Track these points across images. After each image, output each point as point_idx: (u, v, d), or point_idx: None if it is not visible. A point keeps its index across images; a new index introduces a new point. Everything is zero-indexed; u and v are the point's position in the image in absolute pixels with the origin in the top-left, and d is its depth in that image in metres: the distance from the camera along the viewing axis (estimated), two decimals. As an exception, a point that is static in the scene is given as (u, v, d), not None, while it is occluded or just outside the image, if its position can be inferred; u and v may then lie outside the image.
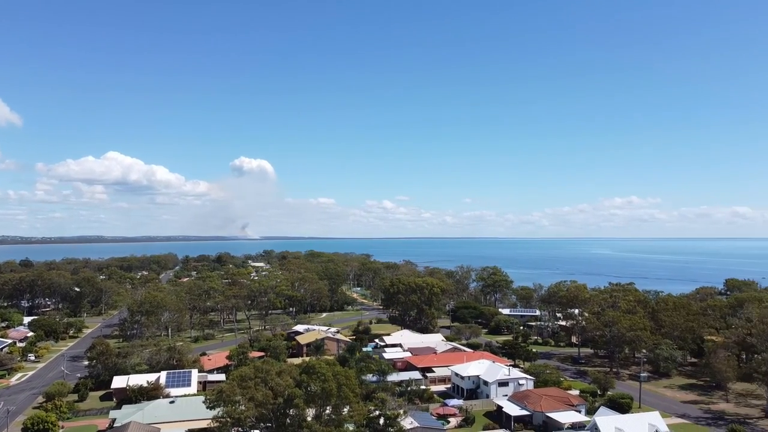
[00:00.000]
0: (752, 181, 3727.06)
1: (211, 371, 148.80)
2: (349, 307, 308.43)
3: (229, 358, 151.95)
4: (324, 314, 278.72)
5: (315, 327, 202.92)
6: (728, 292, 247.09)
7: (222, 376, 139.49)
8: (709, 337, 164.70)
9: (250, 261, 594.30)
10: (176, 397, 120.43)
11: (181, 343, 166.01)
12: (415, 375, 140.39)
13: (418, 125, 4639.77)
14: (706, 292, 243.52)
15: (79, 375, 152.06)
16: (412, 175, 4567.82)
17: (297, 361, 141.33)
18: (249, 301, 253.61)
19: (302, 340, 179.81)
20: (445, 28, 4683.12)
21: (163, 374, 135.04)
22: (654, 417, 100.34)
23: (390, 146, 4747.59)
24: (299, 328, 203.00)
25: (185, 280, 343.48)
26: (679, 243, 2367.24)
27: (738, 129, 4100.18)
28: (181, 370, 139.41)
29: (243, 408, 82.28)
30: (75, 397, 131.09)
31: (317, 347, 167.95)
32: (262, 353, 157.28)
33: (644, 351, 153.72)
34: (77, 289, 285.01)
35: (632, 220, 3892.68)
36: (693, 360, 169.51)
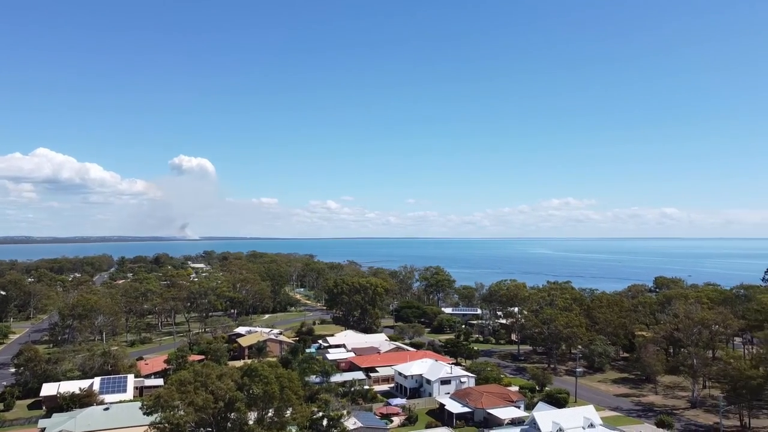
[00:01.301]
0: (679, 184, 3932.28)
1: (148, 376, 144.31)
2: (292, 308, 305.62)
3: (167, 362, 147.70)
4: (266, 316, 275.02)
5: (257, 329, 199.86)
6: (657, 290, 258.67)
7: (160, 381, 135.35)
8: (639, 333, 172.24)
9: (189, 262, 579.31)
10: (111, 403, 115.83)
11: (116, 348, 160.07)
12: (359, 375, 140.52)
13: (362, 125, 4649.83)
14: (637, 290, 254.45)
15: (4, 383, 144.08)
16: (356, 175, 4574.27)
17: (239, 363, 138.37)
18: (188, 303, 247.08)
19: (244, 342, 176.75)
20: (382, 25, 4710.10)
21: (96, 380, 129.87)
22: (589, 411, 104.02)
23: (334, 146, 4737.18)
24: (241, 330, 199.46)
25: (121, 282, 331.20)
26: (612, 243, 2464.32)
27: (665, 133, 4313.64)
28: (117, 376, 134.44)
29: (182, 413, 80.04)
30: (0, 406, 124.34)
31: (259, 349, 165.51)
32: (202, 356, 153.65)
33: (580, 347, 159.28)
34: (2, 293, 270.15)
35: (569, 221, 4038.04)
36: (625, 355, 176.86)
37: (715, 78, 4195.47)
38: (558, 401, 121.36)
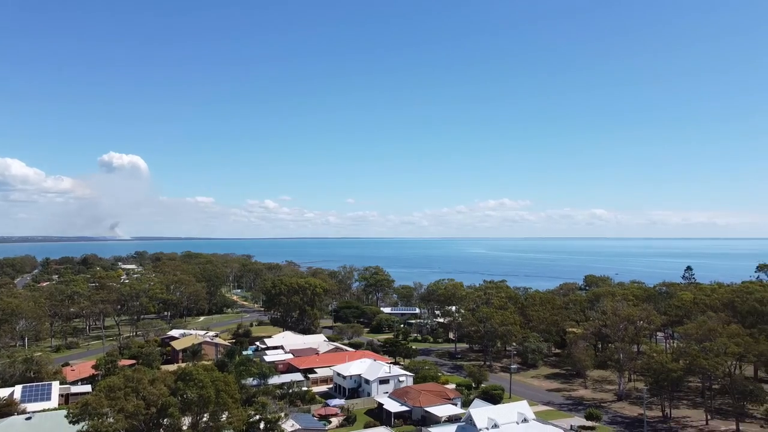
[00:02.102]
0: (607, 187, 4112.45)
1: (75, 382, 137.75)
2: (229, 309, 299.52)
3: (95, 367, 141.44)
4: (202, 318, 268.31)
5: (192, 331, 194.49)
6: (587, 287, 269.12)
7: (88, 388, 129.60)
8: (570, 330, 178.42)
9: (120, 263, 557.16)
10: (34, 412, 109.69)
11: (39, 354, 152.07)
12: (297, 377, 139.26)
13: (300, 125, 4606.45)
14: (568, 288, 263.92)
15: None
16: (295, 174, 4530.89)
17: (172, 367, 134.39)
18: (119, 306, 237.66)
19: (178, 345, 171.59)
20: (321, 35, 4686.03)
21: (17, 388, 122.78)
22: (522, 406, 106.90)
23: (272, 145, 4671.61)
24: (175, 333, 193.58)
25: (45, 284, 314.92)
26: (545, 242, 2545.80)
27: (594, 139, 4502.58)
28: (40, 383, 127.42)
29: (111, 420, 76.91)
30: None
31: (194, 352, 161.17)
32: (133, 361, 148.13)
33: (514, 344, 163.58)
34: None
35: (504, 221, 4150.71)
36: (557, 351, 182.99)
37: (641, 87, 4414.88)
38: (493, 397, 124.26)
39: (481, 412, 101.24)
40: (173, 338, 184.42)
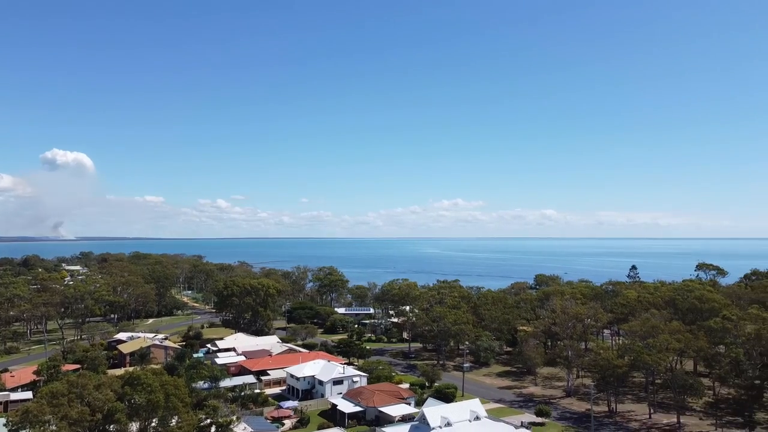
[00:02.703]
0: (556, 188, 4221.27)
1: (14, 389, 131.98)
2: (179, 311, 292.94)
3: (37, 373, 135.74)
4: (151, 320, 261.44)
5: (140, 334, 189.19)
6: (537, 286, 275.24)
7: (29, 394, 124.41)
8: (521, 328, 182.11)
9: (64, 264, 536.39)
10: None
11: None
12: (250, 379, 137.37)
13: (253, 122, 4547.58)
14: (519, 287, 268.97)
15: None
16: (247, 173, 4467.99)
17: (119, 372, 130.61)
18: (62, 309, 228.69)
19: (125, 348, 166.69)
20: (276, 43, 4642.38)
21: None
22: (475, 404, 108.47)
23: (224, 144, 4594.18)
24: (122, 336, 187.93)
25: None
26: (497, 242, 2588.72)
27: (544, 143, 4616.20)
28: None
29: (54, 428, 74.13)
30: None
31: (142, 356, 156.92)
32: (77, 366, 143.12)
33: (467, 343, 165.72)
34: None
35: (458, 221, 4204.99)
36: (508, 349, 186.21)
37: (592, 93, 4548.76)
38: (446, 396, 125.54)
39: (434, 411, 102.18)
40: (120, 341, 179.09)
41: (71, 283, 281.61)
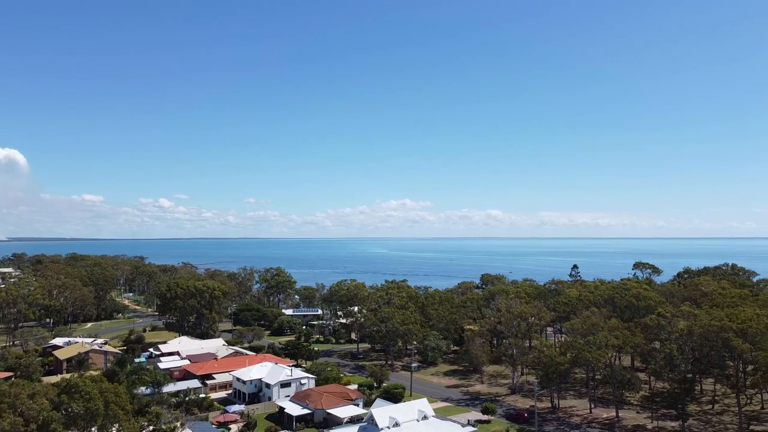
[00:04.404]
0: (502, 189, 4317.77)
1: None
2: (120, 315, 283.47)
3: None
4: (89, 324, 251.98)
5: (78, 339, 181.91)
6: (483, 286, 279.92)
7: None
8: (468, 327, 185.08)
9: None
10: None
11: None
12: (194, 383, 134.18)
13: (196, 119, 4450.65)
14: (466, 286, 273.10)
15: None
16: (192, 172, 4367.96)
17: (55, 379, 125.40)
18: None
19: (61, 354, 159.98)
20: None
21: None
22: (422, 403, 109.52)
23: (167, 142, 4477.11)
24: (58, 341, 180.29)
25: None
26: (444, 242, 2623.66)
27: (489, 145, 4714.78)
28: None
29: (-17, 441, 70.45)
30: None
31: (80, 362, 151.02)
32: (10, 373, 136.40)
33: (415, 343, 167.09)
34: None
35: (405, 221, 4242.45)
36: (455, 348, 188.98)
37: (538, 96, 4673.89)
38: (394, 396, 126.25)
39: (382, 411, 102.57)
40: (56, 347, 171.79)
41: (2, 286, 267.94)
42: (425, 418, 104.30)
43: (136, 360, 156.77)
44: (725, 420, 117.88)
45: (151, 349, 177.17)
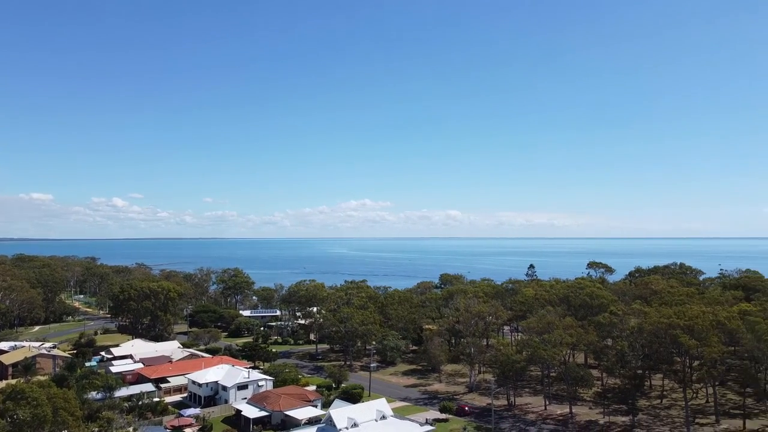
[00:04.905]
0: (461, 190, 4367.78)
1: None
2: (70, 317, 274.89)
3: None
4: (37, 327, 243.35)
5: (24, 343, 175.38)
6: (442, 286, 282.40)
7: None
8: (427, 327, 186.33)
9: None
10: None
11: None
12: (148, 387, 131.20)
13: (151, 118, 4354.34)
14: (425, 286, 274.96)
15: None
16: (146, 171, 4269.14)
17: (0, 385, 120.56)
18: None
19: (7, 359, 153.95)
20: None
21: None
22: (381, 403, 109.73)
23: (119, 137, 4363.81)
24: (3, 345, 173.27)
25: None
26: (404, 242, 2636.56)
27: (446, 142, 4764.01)
28: None
29: None
30: None
31: (27, 367, 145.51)
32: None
33: (374, 343, 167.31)
34: None
35: (366, 221, 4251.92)
36: (414, 348, 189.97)
37: (487, 98, 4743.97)
38: (353, 397, 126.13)
39: (340, 412, 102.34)
40: (2, 352, 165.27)
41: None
42: (384, 417, 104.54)
43: (87, 364, 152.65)
44: (673, 414, 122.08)
45: (102, 353, 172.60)
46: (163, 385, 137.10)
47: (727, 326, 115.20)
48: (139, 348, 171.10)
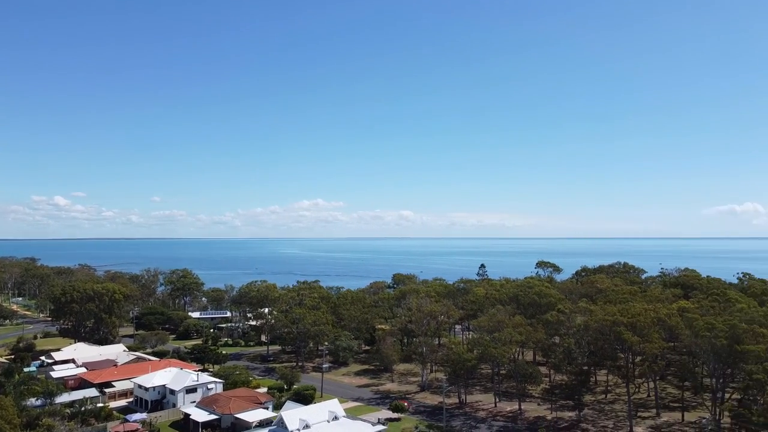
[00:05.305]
0: (414, 189, 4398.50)
1: None
2: (7, 321, 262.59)
3: None
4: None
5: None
6: (395, 285, 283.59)
7: None
8: (379, 327, 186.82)
9: None
10: None
11: None
12: (92, 392, 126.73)
13: (94, 113, 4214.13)
14: (378, 286, 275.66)
15: None
16: (90, 169, 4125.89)
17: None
18: None
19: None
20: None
21: None
22: (333, 404, 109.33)
23: (61, 134, 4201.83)
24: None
25: None
26: (358, 242, 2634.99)
27: (399, 142, 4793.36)
28: None
29: None
30: None
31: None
32: None
33: (326, 343, 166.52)
34: None
35: (318, 221, 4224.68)
36: (367, 348, 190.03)
37: (438, 98, 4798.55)
38: (305, 398, 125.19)
39: (292, 414, 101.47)
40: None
41: None
42: (336, 418, 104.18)
43: (26, 369, 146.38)
44: (617, 408, 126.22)
45: (42, 358, 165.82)
46: (107, 390, 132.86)
47: (667, 323, 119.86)
48: (82, 352, 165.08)
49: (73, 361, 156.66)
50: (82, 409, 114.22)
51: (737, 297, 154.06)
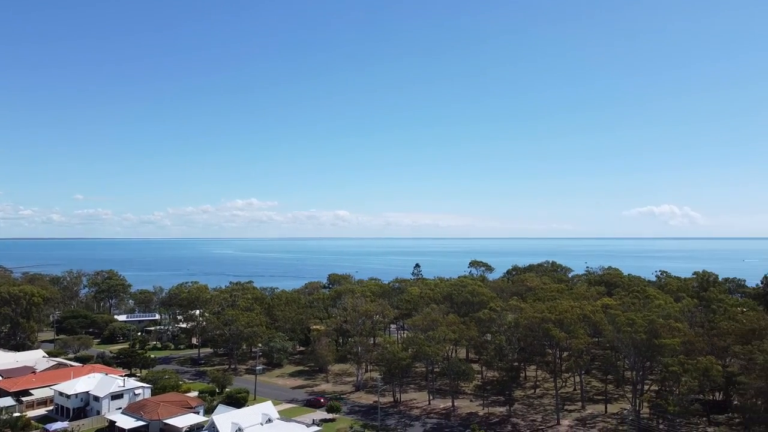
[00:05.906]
0: (350, 189, 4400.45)
1: None
2: None
3: None
4: None
5: None
6: (330, 286, 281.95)
7: None
8: (314, 327, 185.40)
9: None
10: None
11: None
12: (8, 401, 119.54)
13: (14, 108, 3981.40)
14: (313, 287, 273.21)
15: None
16: (5, 165, 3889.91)
17: None
18: None
19: None
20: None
21: None
22: (267, 406, 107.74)
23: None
24: None
25: None
26: (293, 242, 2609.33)
27: (336, 142, 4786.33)
28: None
29: None
30: None
31: None
32: None
33: (260, 345, 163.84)
34: None
35: (252, 221, 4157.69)
36: (301, 349, 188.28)
37: (378, 96, 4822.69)
38: (238, 401, 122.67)
39: (224, 417, 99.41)
40: None
41: None
42: (270, 421, 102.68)
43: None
44: (545, 402, 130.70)
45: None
46: (24, 399, 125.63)
47: (591, 319, 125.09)
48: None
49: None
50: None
51: (655, 294, 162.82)
